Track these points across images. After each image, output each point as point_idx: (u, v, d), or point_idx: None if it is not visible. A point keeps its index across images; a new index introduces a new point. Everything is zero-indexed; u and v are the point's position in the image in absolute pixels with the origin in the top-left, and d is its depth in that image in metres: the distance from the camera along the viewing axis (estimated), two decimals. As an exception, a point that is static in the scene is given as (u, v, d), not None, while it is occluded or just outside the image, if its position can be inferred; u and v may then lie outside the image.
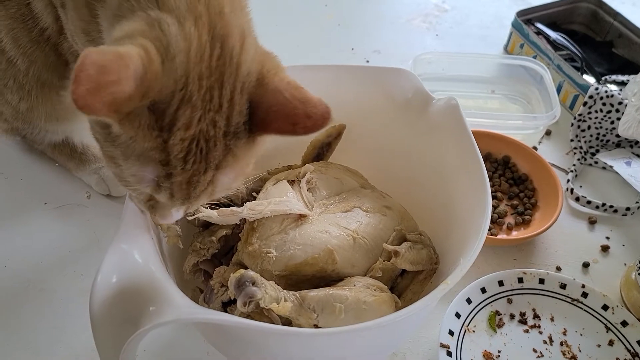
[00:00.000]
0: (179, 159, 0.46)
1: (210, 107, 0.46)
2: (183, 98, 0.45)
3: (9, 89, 0.78)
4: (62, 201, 0.87)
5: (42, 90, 0.78)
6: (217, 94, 0.46)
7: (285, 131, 0.48)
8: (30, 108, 0.79)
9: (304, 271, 0.58)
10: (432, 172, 0.70)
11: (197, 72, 0.45)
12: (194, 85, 0.45)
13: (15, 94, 0.78)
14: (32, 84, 0.76)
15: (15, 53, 0.73)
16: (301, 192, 0.64)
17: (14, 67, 0.75)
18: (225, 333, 0.55)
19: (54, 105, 0.80)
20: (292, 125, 0.47)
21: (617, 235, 0.87)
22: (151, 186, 0.48)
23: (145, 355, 0.68)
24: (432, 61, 1.10)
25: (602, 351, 0.72)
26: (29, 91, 0.77)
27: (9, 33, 0.72)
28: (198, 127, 0.46)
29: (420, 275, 0.64)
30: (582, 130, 0.99)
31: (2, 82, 0.78)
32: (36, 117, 0.81)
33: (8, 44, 0.73)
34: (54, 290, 0.76)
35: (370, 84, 0.73)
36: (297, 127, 0.47)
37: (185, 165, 0.46)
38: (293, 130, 0.48)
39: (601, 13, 1.19)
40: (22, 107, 0.80)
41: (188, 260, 0.63)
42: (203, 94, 0.45)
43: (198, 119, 0.45)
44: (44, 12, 0.68)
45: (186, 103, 0.45)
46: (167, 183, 0.47)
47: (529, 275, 0.77)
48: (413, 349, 0.72)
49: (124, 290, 0.48)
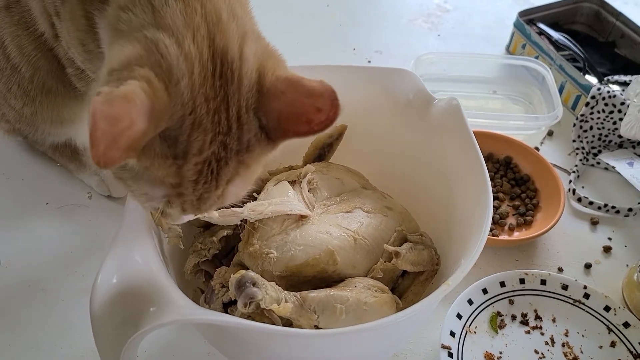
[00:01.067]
0: (191, 181, 0.46)
1: (220, 129, 0.46)
2: (194, 123, 0.44)
3: (13, 94, 0.78)
4: (64, 201, 0.87)
5: (47, 97, 0.77)
6: (225, 117, 0.46)
7: (304, 132, 0.47)
8: (34, 112, 0.79)
9: (305, 272, 0.58)
10: (433, 173, 0.70)
11: (203, 94, 0.44)
12: (202, 108, 0.44)
13: (19, 99, 0.78)
14: (37, 91, 0.76)
15: (19, 60, 0.73)
16: (302, 193, 0.64)
17: (19, 74, 0.75)
18: (225, 334, 0.55)
19: (59, 111, 0.80)
20: (307, 123, 0.47)
21: (619, 236, 0.87)
22: (163, 203, 0.48)
23: (145, 356, 0.68)
24: (433, 61, 1.10)
25: (604, 352, 0.72)
26: (33, 97, 0.77)
27: (13, 40, 0.72)
28: (210, 150, 0.45)
29: (421, 276, 0.64)
30: (584, 131, 0.99)
31: (6, 87, 0.78)
32: (40, 121, 0.81)
33: (13, 51, 0.73)
34: (55, 291, 0.76)
35: (371, 84, 0.73)
36: (312, 125, 0.46)
37: (196, 185, 0.46)
38: (310, 128, 0.47)
39: (604, 13, 1.19)
40: (25, 111, 0.79)
41: (189, 261, 0.63)
42: (211, 116, 0.45)
43: (210, 142, 0.45)
44: (40, 17, 0.68)
45: (197, 127, 0.44)
46: (179, 201, 0.47)
47: (530, 276, 0.77)
48: (414, 349, 0.71)
49: (124, 291, 0.48)
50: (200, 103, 0.44)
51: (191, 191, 0.47)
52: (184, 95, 0.43)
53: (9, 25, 0.71)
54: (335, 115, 0.46)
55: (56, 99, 0.78)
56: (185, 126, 0.44)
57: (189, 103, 0.44)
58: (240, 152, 0.47)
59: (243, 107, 0.47)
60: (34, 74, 0.74)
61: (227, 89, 0.46)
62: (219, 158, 0.46)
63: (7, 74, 0.76)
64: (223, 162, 0.47)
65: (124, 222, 0.54)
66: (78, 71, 0.70)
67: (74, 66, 0.70)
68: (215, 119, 0.45)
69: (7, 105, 0.82)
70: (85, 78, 0.71)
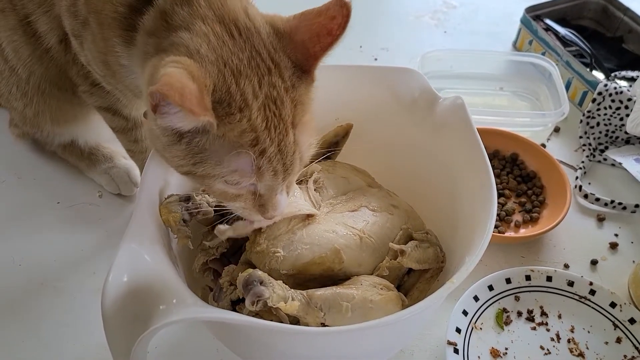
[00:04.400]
0: (263, 129, 0.50)
1: (261, 72, 0.51)
2: (233, 72, 0.50)
3: (13, 96, 0.80)
4: (74, 200, 0.88)
5: (42, 98, 0.79)
6: (260, 61, 0.51)
7: (329, 43, 0.52)
8: (36, 113, 0.81)
9: (311, 270, 0.58)
10: (438, 171, 0.70)
11: (227, 52, 0.50)
12: (233, 60, 0.50)
13: (19, 100, 0.80)
14: (34, 92, 0.78)
15: (16, 62, 0.75)
16: (308, 192, 0.65)
17: (16, 75, 0.77)
18: (233, 331, 0.56)
19: (55, 112, 0.82)
20: (329, 34, 0.51)
21: (626, 232, 0.87)
22: (255, 174, 0.51)
23: (156, 352, 0.70)
24: (440, 58, 1.10)
25: (610, 348, 0.72)
26: (31, 98, 0.79)
27: (10, 44, 0.74)
28: (263, 92, 0.50)
29: (426, 274, 0.64)
30: (591, 127, 0.99)
31: (7, 89, 0.80)
32: (42, 121, 0.83)
33: (10, 53, 0.75)
34: (66, 288, 0.77)
35: (377, 83, 0.74)
36: (333, 32, 0.51)
37: (269, 133, 0.50)
38: (333, 36, 0.51)
39: (611, 8, 1.19)
40: (28, 112, 0.81)
41: (197, 259, 0.64)
42: (247, 64, 0.51)
43: (259, 84, 0.50)
44: (48, 33, 0.70)
45: (239, 75, 0.50)
46: (264, 160, 0.51)
47: (536, 272, 0.77)
48: (420, 346, 0.72)
49: (134, 289, 0.49)
50: (229, 57, 0.50)
51: (269, 142, 0.50)
52: (209, 57, 0.49)
53: (5, 30, 0.73)
54: (349, 11, 0.50)
55: (51, 101, 0.80)
56: (228, 78, 0.49)
57: (218, 60, 0.50)
58: (289, 90, 0.52)
59: (272, 50, 0.52)
60: (29, 75, 0.77)
61: (252, 41, 0.52)
62: (274, 98, 0.51)
63: (6, 76, 0.78)
64: (279, 102, 0.51)
65: (134, 221, 0.54)
66: (92, 87, 0.72)
67: (87, 83, 0.72)
68: (253, 64, 0.51)
69: (12, 109, 0.84)
70: (98, 93, 0.72)
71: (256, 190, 0.53)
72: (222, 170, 0.51)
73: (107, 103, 0.74)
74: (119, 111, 0.75)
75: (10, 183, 0.91)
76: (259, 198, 0.54)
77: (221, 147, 0.49)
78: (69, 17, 0.64)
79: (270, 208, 0.55)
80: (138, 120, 0.77)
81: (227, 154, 0.50)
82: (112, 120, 0.77)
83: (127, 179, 0.87)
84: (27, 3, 0.69)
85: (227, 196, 0.54)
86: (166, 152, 0.52)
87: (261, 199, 0.54)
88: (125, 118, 0.76)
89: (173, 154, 0.51)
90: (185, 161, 0.51)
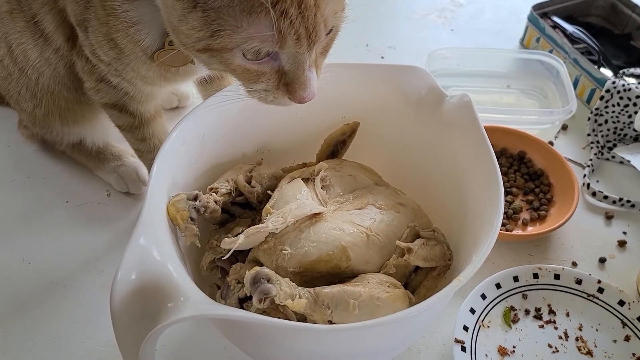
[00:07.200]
0: None
1: None
2: None
3: (23, 97, 0.81)
4: (83, 199, 0.89)
5: (51, 98, 0.80)
6: None
7: None
8: (46, 114, 0.82)
9: (318, 268, 0.59)
10: (445, 169, 0.70)
11: None
12: None
13: (29, 101, 0.81)
14: (43, 92, 0.79)
15: (25, 64, 0.76)
16: (315, 190, 0.65)
17: (26, 77, 0.77)
18: (241, 329, 0.56)
19: (65, 112, 0.82)
20: None
21: (635, 230, 0.87)
22: (276, 39, 0.48)
23: (164, 350, 0.70)
24: (447, 56, 1.10)
25: (618, 347, 0.72)
26: (40, 99, 0.80)
27: (19, 46, 0.74)
28: None
29: (434, 272, 0.64)
30: (599, 125, 0.98)
31: (16, 90, 0.80)
32: (52, 121, 0.83)
33: (19, 55, 0.75)
34: (75, 286, 0.78)
35: (384, 81, 0.74)
36: None
37: None
38: None
39: (619, 5, 1.18)
40: (37, 113, 0.82)
41: (205, 257, 0.64)
42: None
43: None
44: (55, 33, 0.70)
45: None
46: (286, 23, 0.47)
47: (544, 270, 0.77)
48: (428, 344, 0.72)
49: (143, 287, 0.49)
50: None
51: (289, 2, 0.46)
52: None
53: (14, 32, 0.74)
54: None
55: (60, 101, 0.80)
56: None
57: None
58: None
59: None
60: (38, 76, 0.77)
61: None
62: None
63: (15, 77, 0.79)
64: None
65: (142, 219, 0.54)
66: (97, 83, 0.72)
67: (93, 79, 0.72)
68: None
69: (21, 110, 0.85)
70: (104, 89, 0.73)
71: (280, 67, 0.50)
72: (241, 37, 0.47)
73: (114, 99, 0.74)
74: (125, 107, 0.75)
75: (20, 182, 0.92)
76: (285, 76, 0.51)
77: (239, 6, 0.46)
78: (72, 2, 0.64)
79: (298, 87, 0.51)
80: (145, 117, 0.78)
81: (245, 16, 0.47)
82: (119, 118, 0.78)
83: (135, 177, 0.88)
84: (33, 3, 0.70)
85: (249, 76, 0.51)
86: (182, 25, 0.50)
87: (287, 76, 0.51)
88: (132, 114, 0.77)
89: (189, 24, 0.49)
90: (202, 33, 0.48)
